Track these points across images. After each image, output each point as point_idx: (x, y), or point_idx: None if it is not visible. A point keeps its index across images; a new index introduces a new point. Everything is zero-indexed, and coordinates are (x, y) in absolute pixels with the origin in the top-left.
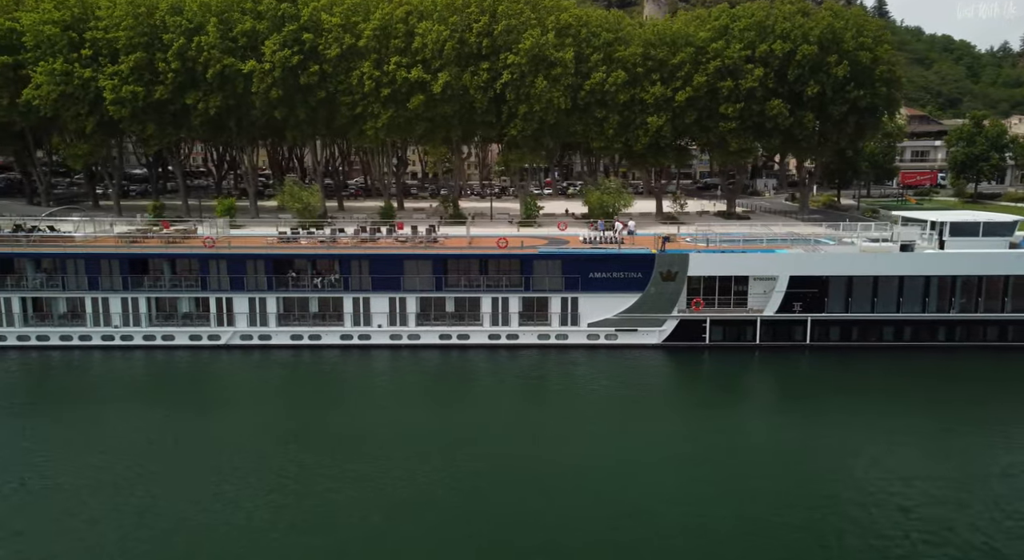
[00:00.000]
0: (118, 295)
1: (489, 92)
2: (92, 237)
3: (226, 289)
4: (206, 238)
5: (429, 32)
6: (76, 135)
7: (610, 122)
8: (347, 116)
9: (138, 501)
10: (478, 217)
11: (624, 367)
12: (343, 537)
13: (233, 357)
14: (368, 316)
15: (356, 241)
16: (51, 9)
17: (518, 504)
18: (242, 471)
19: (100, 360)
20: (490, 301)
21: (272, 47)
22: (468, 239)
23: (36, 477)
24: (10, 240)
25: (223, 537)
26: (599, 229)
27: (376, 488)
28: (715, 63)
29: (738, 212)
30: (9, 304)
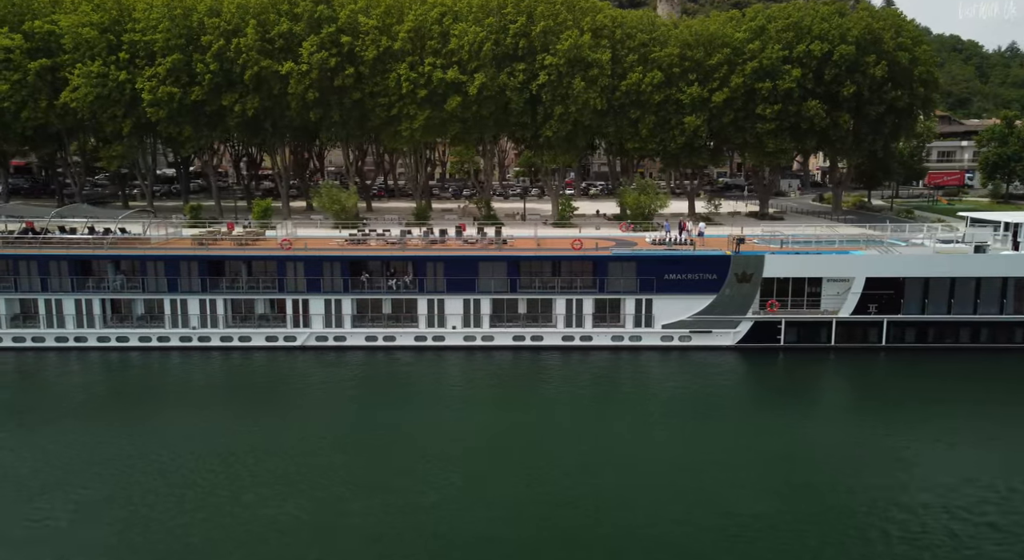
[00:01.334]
0: (196, 296)
1: (525, 93)
2: (164, 239)
3: (303, 291)
4: (283, 240)
5: (466, 33)
6: (112, 136)
7: (645, 123)
8: (382, 117)
9: (217, 500)
10: (507, 218)
11: (698, 368)
12: (416, 538)
13: (309, 358)
14: (442, 317)
15: (426, 243)
16: (89, 12)
17: (586, 502)
18: (318, 472)
19: (178, 361)
20: (564, 302)
21: (310, 49)
22: (537, 240)
23: (114, 476)
24: (92, 242)
25: (300, 539)
26: (666, 230)
27: (456, 489)
28: (752, 64)
29: (770, 213)
30: (90, 305)
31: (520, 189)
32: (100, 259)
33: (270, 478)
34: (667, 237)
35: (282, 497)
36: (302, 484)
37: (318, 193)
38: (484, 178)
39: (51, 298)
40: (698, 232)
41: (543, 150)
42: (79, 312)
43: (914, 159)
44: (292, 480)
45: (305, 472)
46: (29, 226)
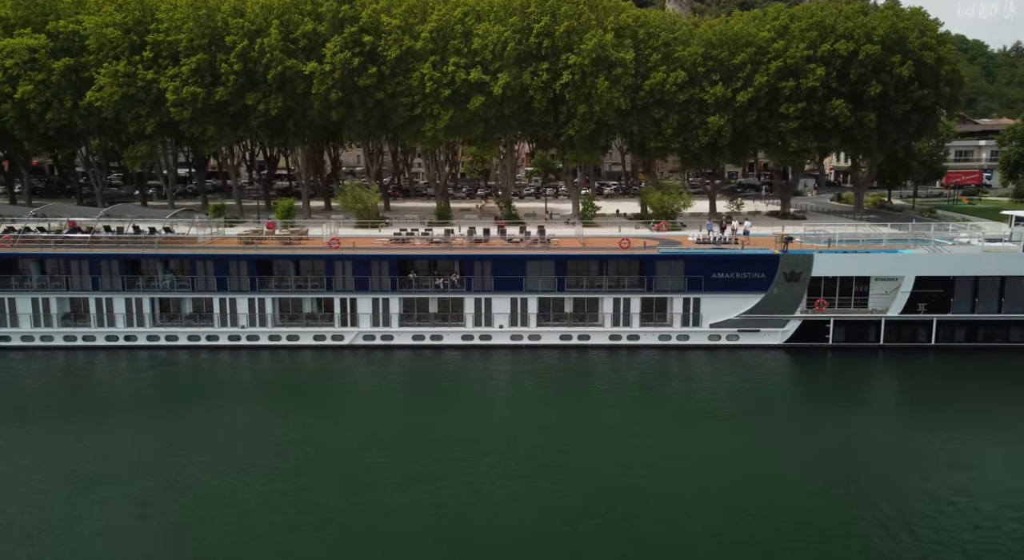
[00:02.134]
0: (245, 296)
1: (548, 93)
2: (209, 238)
3: (351, 290)
4: (331, 240)
5: (489, 33)
6: (136, 136)
7: (668, 122)
8: (404, 117)
9: (268, 495)
10: (527, 218)
11: (746, 368)
12: (464, 535)
13: (356, 357)
14: (489, 316)
15: (471, 242)
16: (112, 12)
17: (633, 499)
18: (367, 469)
19: (227, 360)
20: (611, 301)
21: (333, 49)
22: (581, 240)
23: (168, 472)
24: (141, 242)
25: (353, 533)
26: (708, 229)
27: (504, 487)
28: (777, 63)
29: (791, 212)
30: (140, 304)
31: (534, 189)
32: (149, 258)
33: (320, 474)
34: (711, 236)
35: (332, 493)
36: (352, 481)
37: (341, 192)
38: (505, 178)
39: (102, 297)
40: (744, 231)
41: (565, 149)
42: (129, 311)
43: (933, 159)
44: (342, 477)
45: (354, 469)
46: (72, 226)
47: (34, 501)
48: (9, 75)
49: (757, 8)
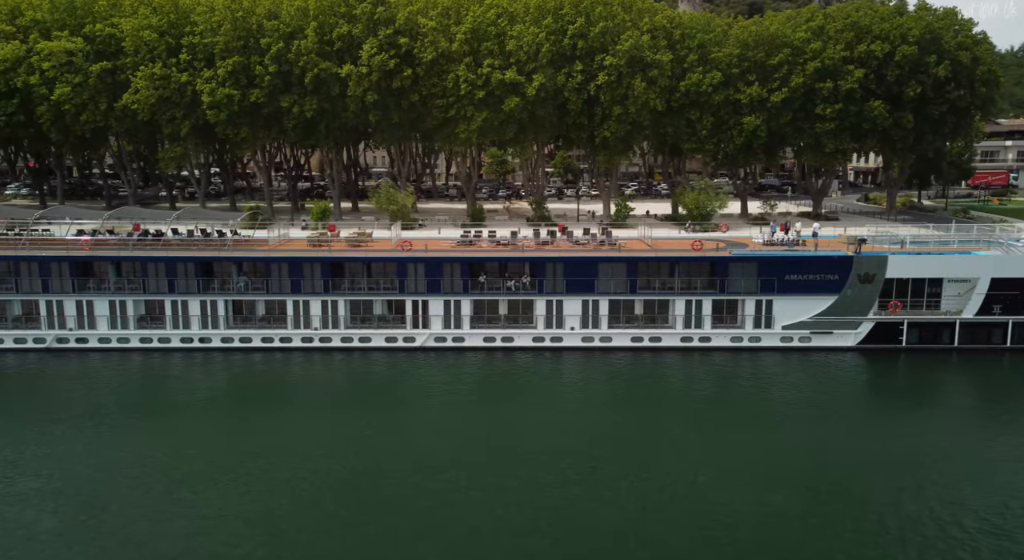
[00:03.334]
0: (318, 298)
1: (583, 94)
2: (278, 240)
3: (423, 292)
4: (403, 242)
5: (524, 34)
6: (171, 139)
7: (703, 123)
8: (439, 118)
9: (341, 498)
10: (558, 219)
11: (819, 369)
12: (543, 533)
13: (428, 359)
14: (561, 318)
15: (537, 243)
16: (148, 15)
17: (703, 497)
18: (445, 467)
19: (300, 361)
20: (683, 303)
21: (370, 51)
22: (648, 241)
23: (240, 474)
24: (214, 244)
25: (440, 530)
26: (772, 230)
27: (578, 486)
28: (814, 64)
29: (823, 213)
30: (215, 306)
31: (555, 190)
32: (224, 261)
33: (398, 472)
34: (775, 237)
35: (411, 490)
36: (431, 480)
37: (376, 193)
38: (537, 179)
39: (177, 299)
40: (812, 232)
41: (599, 151)
42: (204, 313)
43: (963, 159)
44: (421, 474)
45: (433, 467)
46: (136, 229)
47: (114, 499)
48: (46, 78)
49: (767, 9)
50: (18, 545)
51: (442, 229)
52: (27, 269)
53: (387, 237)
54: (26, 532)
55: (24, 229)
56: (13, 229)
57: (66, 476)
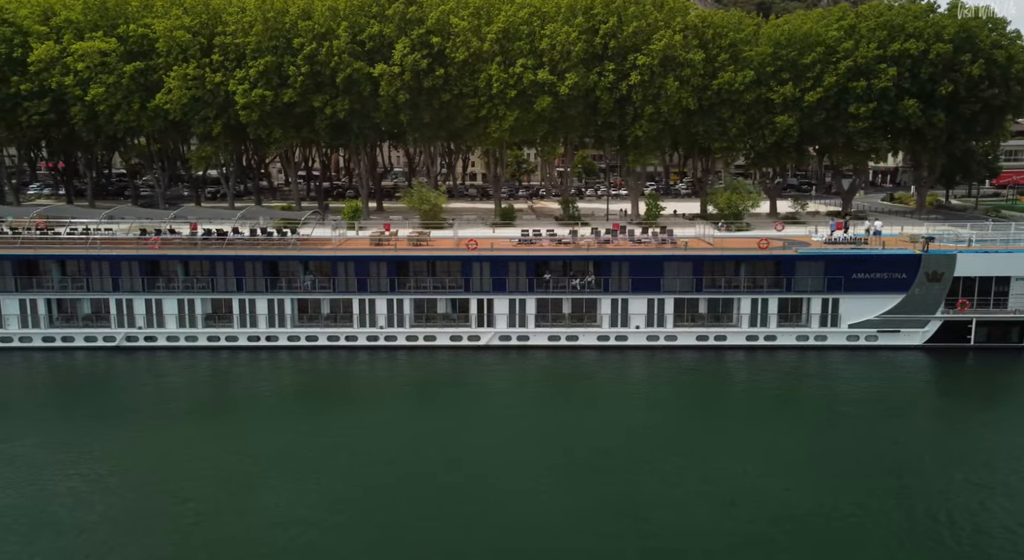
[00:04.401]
0: (384, 296)
1: (615, 93)
2: (339, 239)
3: (488, 291)
4: (468, 241)
5: (557, 34)
6: (201, 138)
7: (735, 122)
8: (469, 118)
9: (408, 494)
10: (588, 218)
11: (886, 368)
12: (614, 533)
13: (493, 357)
14: (626, 317)
15: (598, 242)
16: (180, 15)
17: (767, 497)
18: (511, 466)
19: (365, 360)
20: (748, 302)
21: (403, 51)
22: (710, 240)
23: (307, 470)
24: (278, 243)
25: (513, 526)
26: (831, 229)
27: (645, 486)
28: (847, 63)
29: (852, 212)
30: (282, 305)
31: (575, 189)
32: (290, 260)
33: (467, 467)
34: (834, 236)
35: (482, 486)
36: (501, 477)
37: (408, 192)
38: (566, 178)
39: (245, 298)
40: (874, 231)
41: (629, 150)
42: (271, 312)
43: (990, 158)
44: (491, 471)
45: (503, 465)
46: (194, 228)
47: (182, 495)
48: (80, 78)
49: (776, 9)
50: (99, 534)
51: (467, 229)
52: (98, 268)
53: (448, 236)
54: (109, 523)
55: (88, 230)
56: (86, 230)
57: (139, 470)
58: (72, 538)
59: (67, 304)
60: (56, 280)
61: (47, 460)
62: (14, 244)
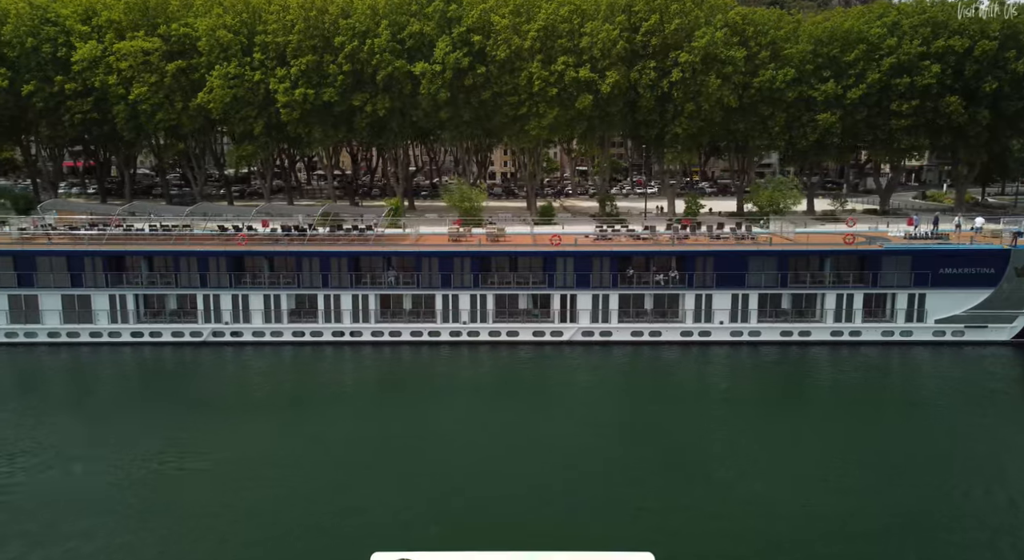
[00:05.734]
0: (467, 292)
1: (656, 91)
2: (416, 236)
3: (571, 286)
4: (552, 237)
5: (598, 32)
6: (241, 137)
7: (776, 120)
8: (509, 116)
9: (500, 484)
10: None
11: (973, 364)
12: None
13: (576, 353)
14: (709, 312)
15: (678, 238)
16: (222, 14)
17: (860, 497)
18: (599, 463)
19: (447, 355)
20: (833, 297)
21: (444, 49)
22: (789, 235)
23: (393, 464)
24: (357, 240)
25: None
26: (916, 224)
27: (727, 486)
28: (890, 60)
29: (889, 209)
30: (366, 301)
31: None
32: (373, 256)
33: (547, 463)
34: (916, 231)
35: (561, 482)
36: (586, 477)
37: (447, 190)
38: (603, 177)
39: (330, 294)
40: (977, 226)
41: (668, 148)
42: (355, 307)
43: None
44: (569, 467)
45: (583, 458)
46: (265, 225)
47: (266, 482)
48: (123, 77)
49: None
50: (204, 521)
51: (508, 227)
52: (186, 264)
53: (525, 233)
54: (209, 512)
55: (174, 227)
56: (176, 226)
57: (230, 461)
58: (166, 521)
59: (154, 299)
60: (144, 276)
61: (140, 449)
62: (100, 240)
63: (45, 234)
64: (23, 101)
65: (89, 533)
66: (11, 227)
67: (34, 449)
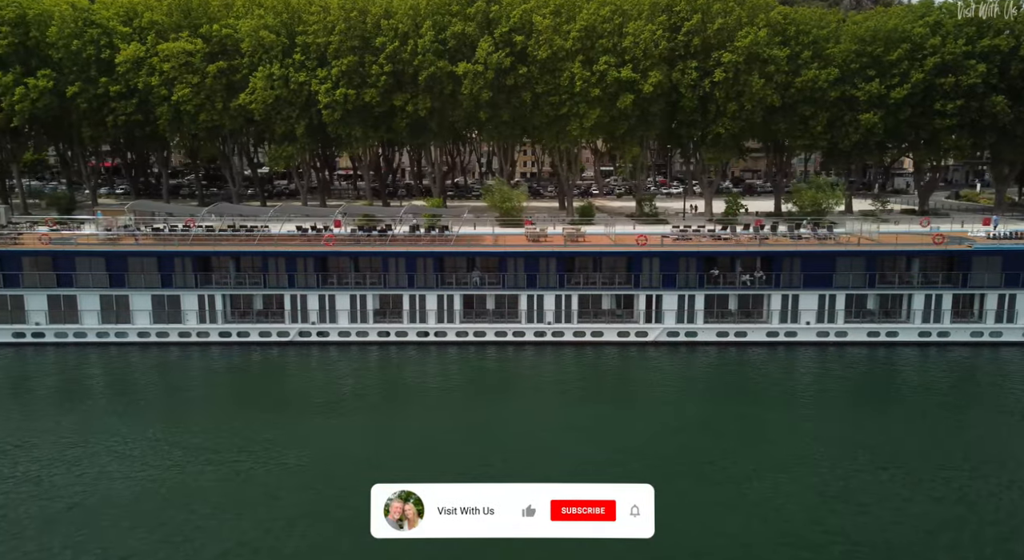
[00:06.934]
0: (552, 292)
1: (698, 91)
2: (494, 236)
3: (657, 287)
4: (639, 237)
5: (641, 31)
6: (281, 138)
7: (818, 120)
8: (549, 116)
9: None
10: None
11: None
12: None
13: (661, 353)
14: (796, 313)
15: (757, 239)
16: (265, 15)
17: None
18: (687, 464)
19: (532, 355)
20: (922, 298)
21: (487, 49)
22: (863, 237)
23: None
24: (437, 240)
25: None
26: (995, 224)
27: (811, 488)
28: (934, 59)
29: (928, 209)
30: (451, 301)
31: (624, 188)
32: (457, 256)
33: (638, 460)
34: (994, 231)
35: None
36: (667, 474)
37: (488, 191)
38: (640, 176)
39: (415, 294)
40: None
41: (708, 148)
42: (440, 307)
43: None
44: (652, 468)
45: (669, 462)
46: (337, 225)
47: (356, 481)
48: (166, 78)
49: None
50: (289, 518)
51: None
52: (274, 264)
53: (602, 233)
54: (298, 511)
55: (248, 228)
56: (255, 227)
57: (315, 457)
58: (252, 516)
59: (240, 300)
60: (232, 276)
61: (232, 446)
62: (185, 240)
63: (131, 235)
64: (67, 102)
65: (203, 528)
66: (97, 227)
67: (127, 445)
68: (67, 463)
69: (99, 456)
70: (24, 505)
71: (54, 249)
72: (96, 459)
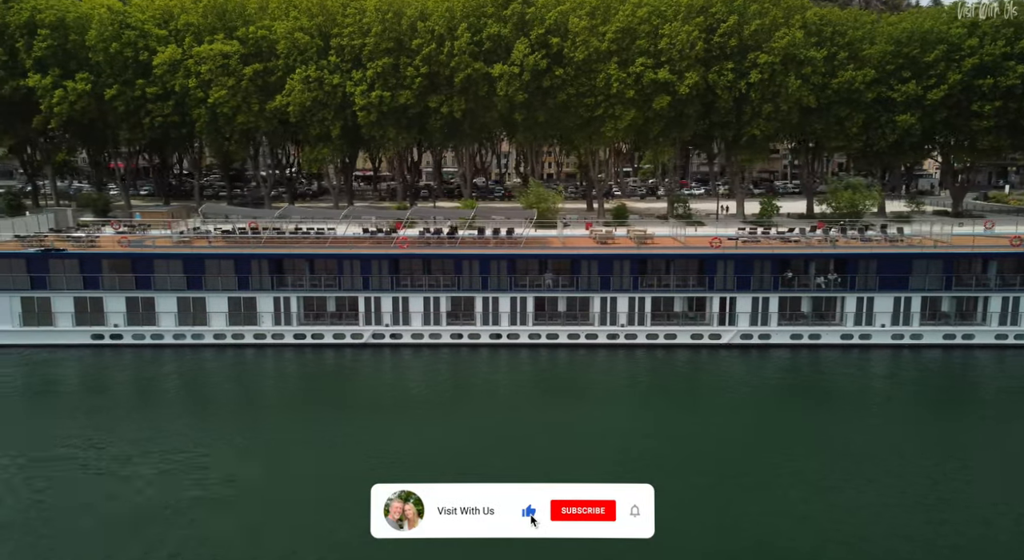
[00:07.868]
0: (625, 295)
1: (734, 92)
2: (562, 238)
3: (731, 289)
4: (713, 239)
5: (677, 33)
6: (315, 140)
7: (854, 121)
8: (584, 117)
9: None
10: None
11: None
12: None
13: (733, 356)
14: (871, 315)
15: (820, 240)
16: (300, 16)
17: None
18: (762, 468)
19: (604, 357)
20: (999, 300)
21: (523, 51)
22: (933, 239)
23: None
24: (506, 242)
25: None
26: None
27: (876, 492)
28: (971, 61)
29: (962, 210)
30: (524, 303)
31: (646, 189)
32: (529, 259)
33: (703, 464)
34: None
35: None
36: (747, 481)
37: (524, 192)
38: (671, 178)
39: (488, 296)
40: None
41: (742, 150)
42: (513, 310)
43: None
44: (727, 473)
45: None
46: (399, 227)
47: None
48: (202, 80)
49: None
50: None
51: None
52: (349, 267)
53: (669, 235)
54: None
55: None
56: (323, 229)
57: (395, 461)
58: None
59: (314, 302)
60: (308, 278)
61: (304, 446)
62: (258, 242)
63: (204, 237)
64: (104, 105)
65: (264, 524)
66: (172, 230)
67: (196, 446)
68: (142, 462)
69: (170, 455)
70: (102, 505)
71: (133, 252)
72: (170, 457)
